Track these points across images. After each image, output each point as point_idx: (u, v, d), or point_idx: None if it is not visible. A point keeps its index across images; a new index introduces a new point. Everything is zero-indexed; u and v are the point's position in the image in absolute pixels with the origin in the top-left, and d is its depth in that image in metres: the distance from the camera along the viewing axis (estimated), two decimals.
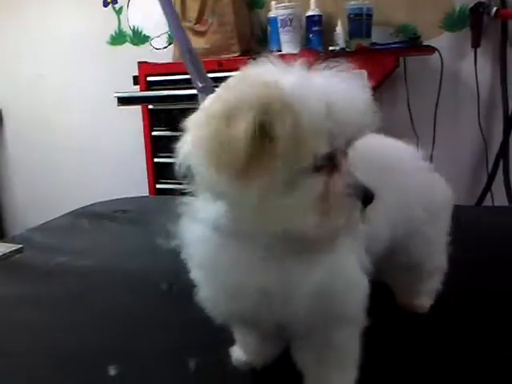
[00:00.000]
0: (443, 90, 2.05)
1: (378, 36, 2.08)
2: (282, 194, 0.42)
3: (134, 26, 2.69)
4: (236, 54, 2.26)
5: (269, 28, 2.31)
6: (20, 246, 1.07)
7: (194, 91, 2.13)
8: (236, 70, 1.97)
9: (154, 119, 2.30)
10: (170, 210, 0.47)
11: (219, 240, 0.47)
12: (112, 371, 0.55)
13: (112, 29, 2.71)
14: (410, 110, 2.12)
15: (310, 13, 2.19)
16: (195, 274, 0.51)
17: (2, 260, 1.00)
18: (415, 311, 0.70)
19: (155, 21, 2.55)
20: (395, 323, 0.68)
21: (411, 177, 0.64)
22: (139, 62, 2.27)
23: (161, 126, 2.29)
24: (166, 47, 2.61)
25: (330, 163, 0.43)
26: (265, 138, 0.40)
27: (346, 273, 0.50)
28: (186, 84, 2.19)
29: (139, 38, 2.68)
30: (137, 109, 2.28)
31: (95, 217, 1.30)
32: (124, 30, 2.70)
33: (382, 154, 0.61)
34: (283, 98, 0.40)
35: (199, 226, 0.48)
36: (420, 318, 0.69)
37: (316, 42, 2.22)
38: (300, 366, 0.55)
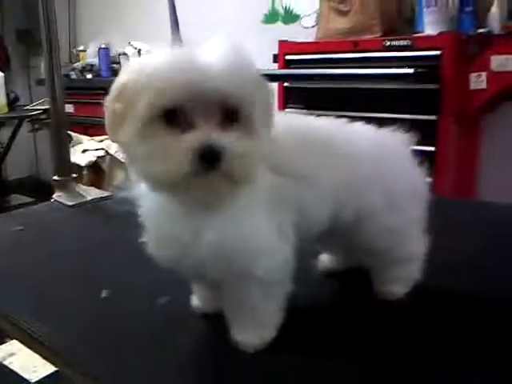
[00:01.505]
0: None
1: None
2: (137, 145, 0.50)
3: (285, 6, 2.77)
4: (377, 35, 2.19)
5: (417, 8, 2.20)
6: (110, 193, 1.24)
7: (329, 71, 2.18)
8: (371, 51, 1.96)
9: (288, 96, 2.38)
10: None
11: (156, 196, 0.56)
12: None
13: (266, 8, 2.83)
14: None
15: None
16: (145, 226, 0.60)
17: (93, 203, 1.20)
18: (385, 297, 0.70)
19: (306, 0, 2.61)
20: (364, 308, 0.70)
21: (366, 162, 0.64)
22: (279, 41, 2.35)
23: (295, 104, 2.36)
24: (314, 26, 2.64)
25: (180, 120, 0.50)
26: (122, 104, 0.51)
27: (245, 232, 0.55)
28: (323, 63, 2.24)
29: (290, 16, 2.76)
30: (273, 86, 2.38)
31: None
32: (277, 8, 2.80)
33: (339, 138, 0.64)
34: (133, 74, 0.51)
35: None
36: (390, 304, 0.69)
37: (467, 23, 2.05)
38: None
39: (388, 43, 2.04)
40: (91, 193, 1.26)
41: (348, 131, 0.68)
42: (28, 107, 3.01)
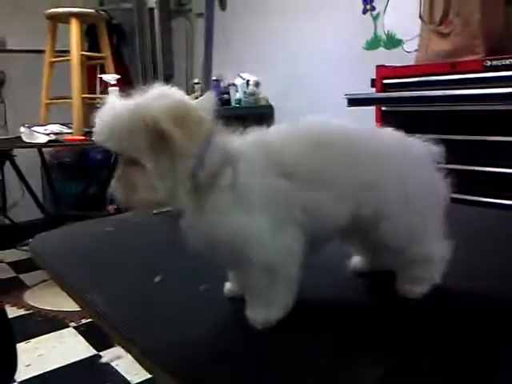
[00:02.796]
0: None
1: None
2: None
3: (388, 31, 2.78)
4: (480, 56, 2.11)
5: None
6: None
7: (423, 93, 2.14)
8: (469, 72, 1.93)
9: (386, 121, 2.36)
10: None
11: None
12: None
13: (368, 34, 2.86)
14: None
15: None
16: None
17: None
18: (405, 296, 0.72)
19: (409, 24, 2.59)
20: (378, 303, 0.74)
21: (389, 162, 0.68)
22: (377, 66, 2.36)
23: (392, 127, 2.34)
24: (416, 50, 2.61)
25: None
26: None
27: (229, 225, 0.62)
28: (419, 86, 2.20)
29: (392, 41, 2.76)
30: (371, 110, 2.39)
31: None
32: (379, 34, 2.82)
33: (361, 139, 0.68)
34: None
35: None
36: (408, 302, 0.72)
37: None
38: None
39: (489, 63, 1.96)
40: None
41: (369, 132, 0.72)
42: None
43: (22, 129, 2.83)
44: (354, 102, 2.22)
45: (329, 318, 0.69)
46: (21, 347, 2.09)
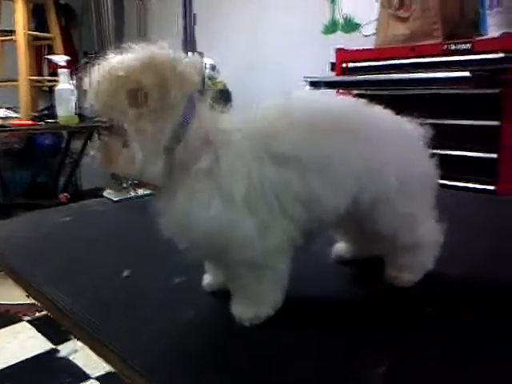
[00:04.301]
0: None
1: None
2: None
3: (345, 15, 2.76)
4: (438, 40, 2.13)
5: (480, 10, 2.11)
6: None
7: (384, 76, 2.15)
8: (429, 56, 1.92)
9: None
10: None
11: None
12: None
13: (326, 19, 2.84)
14: None
15: None
16: None
17: (137, 199, 1.25)
18: (394, 283, 0.69)
19: (366, 8, 2.59)
20: (368, 292, 0.70)
21: (387, 145, 0.63)
22: (337, 49, 2.35)
23: None
24: (374, 34, 2.61)
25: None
26: None
27: (204, 218, 0.56)
28: (379, 70, 2.20)
29: (350, 25, 2.75)
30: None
31: None
32: (336, 18, 2.80)
33: (358, 121, 0.64)
34: None
35: None
36: (396, 290, 0.69)
37: None
38: None
39: (448, 47, 1.98)
40: (139, 191, 1.32)
41: (367, 116, 0.67)
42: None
43: None
44: (315, 84, 2.20)
45: (319, 313, 0.64)
46: None
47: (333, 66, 2.39)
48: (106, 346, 0.59)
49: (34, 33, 3.11)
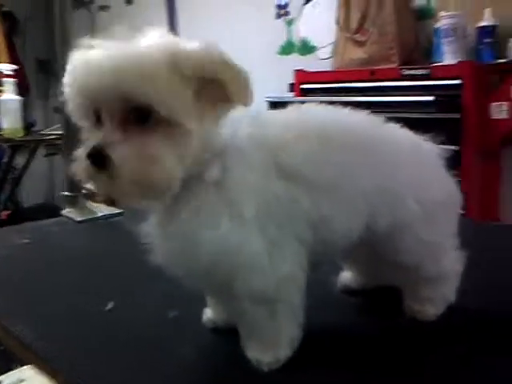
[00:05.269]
0: None
1: None
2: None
3: (302, 38, 2.79)
4: (395, 65, 2.18)
5: (434, 39, 2.19)
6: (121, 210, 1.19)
7: (344, 98, 2.16)
8: (388, 80, 1.92)
9: None
10: None
11: None
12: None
13: (282, 40, 2.85)
14: None
15: (482, 23, 2.02)
16: None
17: (103, 219, 1.16)
18: (416, 316, 0.64)
19: (323, 32, 2.62)
20: (390, 328, 0.64)
21: (405, 168, 0.59)
22: (295, 70, 2.35)
23: None
24: (330, 57, 2.65)
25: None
26: None
27: (213, 238, 0.49)
28: (338, 92, 2.22)
29: (306, 48, 2.77)
30: None
31: None
32: (293, 40, 2.82)
33: (373, 136, 0.59)
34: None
35: None
36: (420, 325, 0.63)
37: (487, 54, 2.03)
38: None
39: (406, 72, 2.02)
40: (102, 209, 1.22)
41: (384, 132, 0.62)
42: (44, 132, 3.01)
43: None
44: (275, 105, 2.18)
45: (334, 350, 0.58)
46: None
47: (291, 87, 2.39)
48: None
49: None
